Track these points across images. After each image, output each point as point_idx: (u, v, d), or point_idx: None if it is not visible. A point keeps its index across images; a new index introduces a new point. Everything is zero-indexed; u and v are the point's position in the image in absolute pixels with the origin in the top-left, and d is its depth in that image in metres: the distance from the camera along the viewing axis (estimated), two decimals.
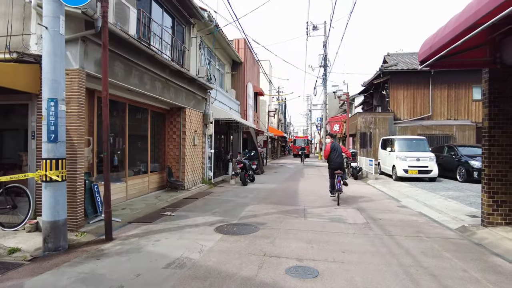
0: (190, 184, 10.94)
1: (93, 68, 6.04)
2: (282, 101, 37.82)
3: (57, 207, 4.70)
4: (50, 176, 4.62)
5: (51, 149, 4.66)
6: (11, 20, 5.57)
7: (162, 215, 7.04)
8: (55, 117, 4.70)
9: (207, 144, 12.76)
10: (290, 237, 5.48)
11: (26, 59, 5.44)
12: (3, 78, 5.08)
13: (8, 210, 5.59)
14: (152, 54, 7.57)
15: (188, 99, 10.85)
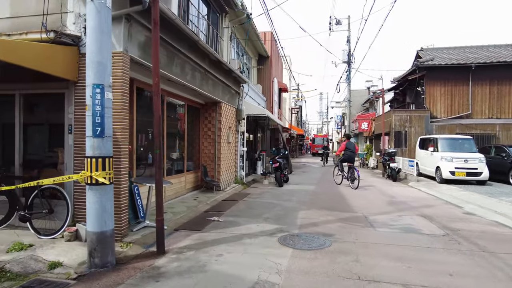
0: (225, 184, 10.12)
1: (137, 52, 5.25)
2: (302, 98, 36.75)
3: (104, 215, 3.91)
4: (96, 178, 3.83)
5: (97, 145, 3.87)
6: None
7: (209, 220, 6.23)
8: (102, 106, 3.90)
9: (240, 142, 11.93)
10: (373, 253, 4.58)
11: (64, 39, 4.67)
12: (38, 61, 4.32)
13: (44, 214, 4.85)
14: (196, 40, 6.75)
15: (224, 93, 10.02)
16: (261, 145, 18.35)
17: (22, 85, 5.22)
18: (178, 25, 5.89)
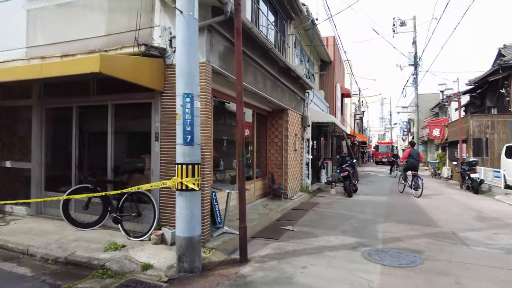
0: (292, 192, 9.97)
1: (217, 62, 5.39)
2: (363, 103, 35.32)
3: (192, 220, 4.01)
4: (187, 184, 3.95)
5: (188, 152, 3.99)
6: (140, 12, 5.14)
7: (284, 229, 6.13)
8: (191, 115, 4.03)
9: (305, 149, 11.73)
10: (476, 275, 4.07)
11: (152, 52, 4.97)
12: (132, 73, 4.62)
13: (133, 217, 5.17)
14: (269, 48, 6.78)
15: (291, 99, 9.94)
16: (324, 152, 17.90)
17: (113, 96, 5.66)
18: (254, 34, 5.95)
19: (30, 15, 6.33)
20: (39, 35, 6.22)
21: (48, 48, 6.01)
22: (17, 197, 7.01)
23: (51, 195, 6.39)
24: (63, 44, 5.92)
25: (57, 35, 6.00)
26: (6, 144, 7.01)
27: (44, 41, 6.12)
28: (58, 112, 6.49)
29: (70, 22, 5.92)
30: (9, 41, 6.47)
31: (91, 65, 4.00)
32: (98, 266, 4.16)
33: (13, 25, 6.47)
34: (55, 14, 6.09)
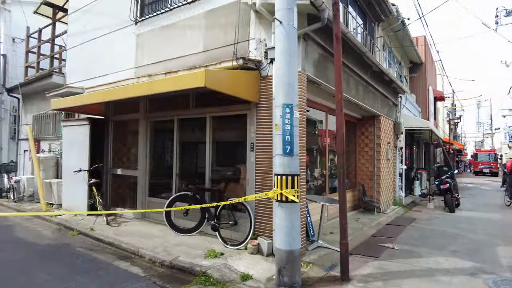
0: (385, 205, 9.25)
1: (312, 70, 5.27)
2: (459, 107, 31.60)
3: (293, 233, 3.90)
4: (287, 196, 3.86)
5: (287, 163, 3.92)
6: (238, 26, 5.32)
7: (382, 247, 5.65)
8: (291, 125, 3.95)
9: (398, 159, 10.83)
10: None
11: (249, 65, 5.07)
12: (231, 86, 4.77)
13: (230, 225, 5.30)
14: (364, 52, 6.43)
15: (383, 105, 9.30)
16: (417, 162, 16.38)
17: (211, 109, 5.93)
18: (349, 39, 5.70)
19: (139, 38, 7.08)
20: (146, 56, 6.90)
21: (153, 67, 6.62)
22: (125, 201, 7.85)
23: (154, 200, 6.98)
24: (166, 62, 6.46)
25: (160, 55, 6.59)
26: (117, 154, 7.90)
27: (150, 61, 6.77)
28: (161, 124, 7.08)
29: (172, 42, 6.44)
30: (122, 63, 7.32)
31: (197, 80, 4.23)
32: (200, 272, 4.31)
33: (125, 49, 7.32)
34: (158, 36, 6.70)
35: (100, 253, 5.24)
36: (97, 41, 8.05)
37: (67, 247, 5.49)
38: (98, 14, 8.11)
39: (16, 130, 11.75)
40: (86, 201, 7.47)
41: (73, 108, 7.20)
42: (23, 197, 9.74)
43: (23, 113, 11.57)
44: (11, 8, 11.80)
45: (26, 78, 10.94)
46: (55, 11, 10.41)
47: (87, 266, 4.62)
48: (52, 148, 9.85)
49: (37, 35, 10.83)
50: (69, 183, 8.03)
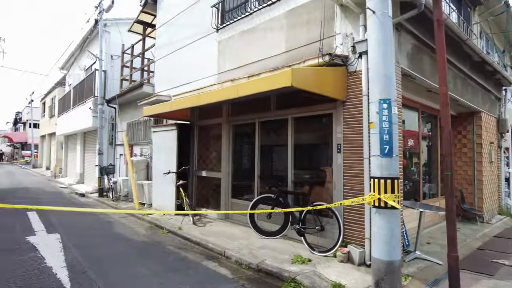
0: (489, 215, 8.05)
1: (405, 63, 4.80)
2: None
3: (392, 242, 3.52)
4: (385, 201, 3.50)
5: (386, 165, 3.56)
6: (323, 22, 5.11)
7: (495, 263, 4.86)
8: (389, 123, 3.59)
9: (503, 161, 9.38)
10: None
11: (336, 61, 4.80)
12: (314, 84, 4.55)
13: (316, 231, 5.07)
14: (464, 40, 5.67)
15: (484, 100, 8.15)
16: None
17: (293, 110, 5.79)
18: (448, 26, 5.05)
19: (220, 45, 7.31)
20: (227, 61, 7.08)
21: (235, 71, 6.75)
22: (209, 201, 8.13)
23: (236, 202, 7.08)
24: (247, 66, 6.53)
25: (241, 59, 6.68)
26: (201, 157, 8.25)
27: (231, 66, 6.92)
28: (242, 128, 7.18)
29: (252, 45, 6.49)
30: (205, 70, 7.64)
31: (283, 80, 4.12)
32: (289, 278, 4.15)
33: (207, 56, 7.62)
34: (239, 41, 6.82)
35: (188, 252, 5.43)
36: (181, 51, 8.57)
37: (158, 245, 5.83)
38: (182, 26, 8.62)
39: (113, 137, 13.16)
40: (174, 201, 7.93)
41: (162, 115, 7.72)
42: (119, 197, 10.80)
43: (119, 121, 12.91)
44: (110, 29, 13.31)
45: (121, 89, 12.19)
46: (145, 28, 11.43)
47: (178, 265, 4.81)
48: (143, 152, 10.75)
49: (130, 51, 12.00)
50: (159, 185, 8.64)
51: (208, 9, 7.55)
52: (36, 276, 4.18)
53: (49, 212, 8.66)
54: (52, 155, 24.22)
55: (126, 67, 12.50)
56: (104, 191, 11.54)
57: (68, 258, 4.91)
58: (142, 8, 10.27)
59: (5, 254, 5.04)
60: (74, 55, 17.75)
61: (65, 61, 19.54)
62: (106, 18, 13.02)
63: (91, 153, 15.30)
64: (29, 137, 34.42)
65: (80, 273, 4.32)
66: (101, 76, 12.37)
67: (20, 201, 10.52)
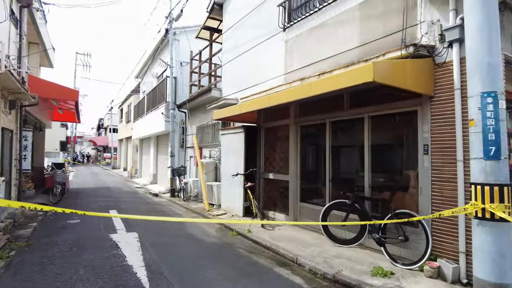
0: None
1: (510, 49, 4.10)
2: None
3: (502, 261, 2.97)
4: (491, 211, 2.97)
5: (492, 169, 3.02)
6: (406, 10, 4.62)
7: None
8: (495, 119, 3.05)
9: None
10: None
11: (421, 52, 4.30)
12: (398, 78, 4.10)
13: (398, 241, 4.58)
14: None
15: None
16: None
17: (369, 108, 5.35)
18: None
19: (287, 44, 7.13)
20: (295, 61, 6.86)
21: (304, 70, 6.51)
22: (276, 204, 7.98)
23: (305, 206, 6.82)
24: (316, 64, 6.25)
25: (310, 57, 6.42)
26: (268, 159, 8.14)
27: (300, 65, 6.69)
28: (312, 129, 6.90)
29: (321, 42, 6.19)
30: (272, 71, 7.53)
31: (363, 76, 3.78)
32: None
33: (274, 57, 7.50)
34: (307, 38, 6.56)
35: (259, 256, 5.32)
36: (247, 54, 8.59)
37: (229, 247, 5.82)
38: (247, 28, 8.64)
39: (184, 140, 13.79)
40: (242, 203, 7.94)
41: (230, 118, 7.79)
42: (190, 197, 11.23)
43: (188, 124, 13.49)
44: (179, 37, 14.01)
45: (191, 94, 12.71)
46: (212, 33, 11.76)
47: (250, 270, 4.71)
48: (211, 154, 11.04)
49: (198, 57, 12.45)
50: (227, 186, 8.75)
51: (274, 9, 7.44)
52: (120, 274, 4.41)
53: (127, 211, 9.31)
54: (129, 157, 26.41)
55: (195, 73, 13.01)
56: (176, 191, 12.12)
57: (146, 257, 5.13)
58: (209, 14, 10.57)
59: (95, 250, 5.45)
60: (147, 64, 19.08)
61: (139, 70, 21.14)
62: (175, 27, 13.72)
63: (163, 155, 16.26)
64: (109, 141, 38.13)
65: (157, 273, 4.45)
66: (172, 82, 13.06)
67: (104, 199, 11.54)
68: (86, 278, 4.21)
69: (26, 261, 4.88)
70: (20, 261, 4.90)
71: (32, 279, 4.22)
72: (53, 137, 25.29)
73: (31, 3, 9.34)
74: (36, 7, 10.26)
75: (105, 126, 46.54)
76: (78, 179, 19.96)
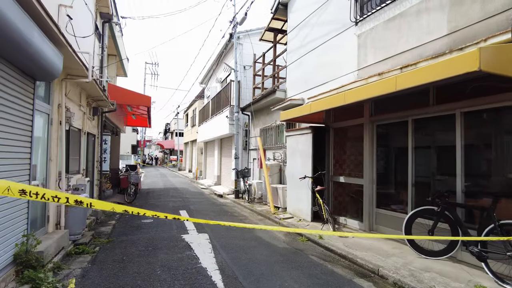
0: None
1: None
2: None
3: None
4: None
5: None
6: None
7: None
8: None
9: None
10: None
11: None
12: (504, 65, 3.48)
13: (505, 257, 3.92)
14: None
15: None
16: None
17: (462, 103, 4.72)
18: None
19: (360, 39, 6.68)
20: (369, 55, 6.39)
21: (380, 65, 6.02)
22: (347, 210, 7.52)
23: (383, 212, 6.28)
24: (394, 58, 5.74)
25: (388, 50, 5.91)
26: (337, 161, 7.72)
27: (375, 60, 6.21)
28: (390, 128, 6.37)
29: (401, 34, 5.65)
30: (342, 68, 7.14)
31: (465, 65, 3.26)
32: None
33: (344, 53, 7.10)
34: (383, 31, 6.06)
35: (335, 265, 4.98)
36: (314, 53, 8.27)
37: (301, 253, 5.56)
38: (314, 26, 8.34)
39: (247, 142, 13.88)
40: (310, 207, 7.63)
41: (298, 118, 7.54)
42: (254, 199, 11.20)
43: (251, 127, 13.54)
44: (243, 41, 14.19)
45: (254, 97, 12.74)
46: (275, 34, 11.66)
47: (328, 279, 4.40)
48: (275, 156, 10.90)
49: (262, 59, 12.44)
50: (293, 189, 8.51)
51: (343, 3, 7.05)
52: (195, 276, 4.40)
53: (196, 212, 9.56)
54: (194, 159, 27.56)
55: (258, 75, 13.03)
56: (240, 193, 12.21)
57: (218, 260, 5.10)
58: (273, 15, 10.48)
59: (169, 251, 5.59)
60: (211, 69, 19.71)
61: (204, 76, 21.95)
62: (238, 31, 13.93)
63: (227, 158, 16.59)
64: (175, 144, 40.35)
65: (232, 278, 4.36)
66: (236, 86, 13.24)
67: (174, 200, 12.05)
68: (163, 279, 4.27)
69: (109, 258, 5.16)
70: (104, 257, 5.20)
71: (116, 275, 4.41)
72: (126, 141, 27.46)
73: (112, 18, 10.14)
74: (115, 21, 11.13)
75: (171, 130, 49.42)
76: (148, 180, 21.31)
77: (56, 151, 5.61)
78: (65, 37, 4.49)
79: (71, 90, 6.47)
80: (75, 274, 4.40)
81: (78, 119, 7.11)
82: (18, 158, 4.09)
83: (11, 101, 3.87)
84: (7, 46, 3.33)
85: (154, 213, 2.46)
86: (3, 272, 3.66)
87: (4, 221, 3.74)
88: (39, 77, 4.45)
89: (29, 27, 3.44)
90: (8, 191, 1.80)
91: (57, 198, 2.04)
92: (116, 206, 2.25)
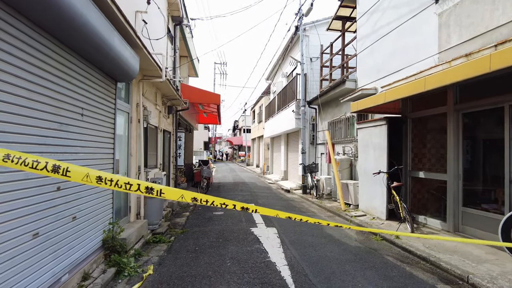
0: None
1: None
2: None
3: None
4: None
5: None
6: None
7: None
8: None
9: None
10: None
11: None
12: None
13: None
14: None
15: None
16: None
17: None
18: None
19: (441, 18, 5.97)
20: (453, 35, 5.67)
21: (467, 44, 5.31)
22: (427, 208, 6.85)
23: (471, 212, 5.57)
24: (485, 35, 4.99)
25: (475, 28, 5.17)
26: (416, 155, 7.06)
27: (461, 40, 5.49)
28: (480, 116, 5.60)
29: (494, 6, 4.88)
30: (419, 52, 6.47)
31: None
32: None
33: (422, 36, 6.42)
34: (471, 4, 5.31)
35: (414, 268, 4.54)
36: (387, 38, 7.65)
37: (375, 253, 5.20)
38: (387, 8, 7.70)
39: (314, 136, 13.55)
40: (385, 205, 7.11)
41: (370, 109, 7.05)
42: (322, 195, 10.89)
43: (319, 121, 13.17)
44: (309, 33, 13.84)
45: (321, 89, 12.34)
46: (344, 23, 11.11)
47: (407, 283, 4.01)
48: (345, 151, 10.43)
49: (329, 50, 11.98)
50: (365, 185, 8.03)
51: None
52: (264, 271, 4.38)
53: (264, 206, 9.61)
54: (261, 154, 27.96)
55: (326, 67, 12.59)
56: (308, 188, 11.98)
57: (287, 255, 5.02)
58: (341, 2, 9.97)
59: (239, 243, 5.69)
60: (277, 64, 19.67)
61: (270, 72, 22.01)
62: (304, 23, 13.61)
63: (293, 153, 16.43)
64: (243, 140, 41.41)
65: (301, 275, 4.24)
66: (302, 79, 12.98)
67: (243, 194, 12.32)
68: (233, 271, 4.34)
69: (183, 248, 5.43)
70: (179, 247, 5.49)
71: (189, 265, 4.61)
72: (198, 138, 28.99)
73: (182, 21, 10.69)
74: (185, 23, 11.71)
75: (239, 127, 50.89)
76: (219, 175, 22.21)
77: (135, 147, 6.08)
78: (141, 40, 4.81)
79: (148, 90, 6.96)
80: (153, 261, 4.72)
81: (154, 117, 7.64)
82: (104, 153, 4.51)
83: (98, 102, 4.27)
84: (93, 51, 3.66)
85: (223, 201, 2.48)
86: (95, 254, 4.08)
87: (95, 209, 4.15)
88: (119, 78, 4.83)
89: (111, 33, 3.73)
90: (87, 178, 1.94)
91: (129, 185, 2.16)
92: (185, 193, 2.31)
